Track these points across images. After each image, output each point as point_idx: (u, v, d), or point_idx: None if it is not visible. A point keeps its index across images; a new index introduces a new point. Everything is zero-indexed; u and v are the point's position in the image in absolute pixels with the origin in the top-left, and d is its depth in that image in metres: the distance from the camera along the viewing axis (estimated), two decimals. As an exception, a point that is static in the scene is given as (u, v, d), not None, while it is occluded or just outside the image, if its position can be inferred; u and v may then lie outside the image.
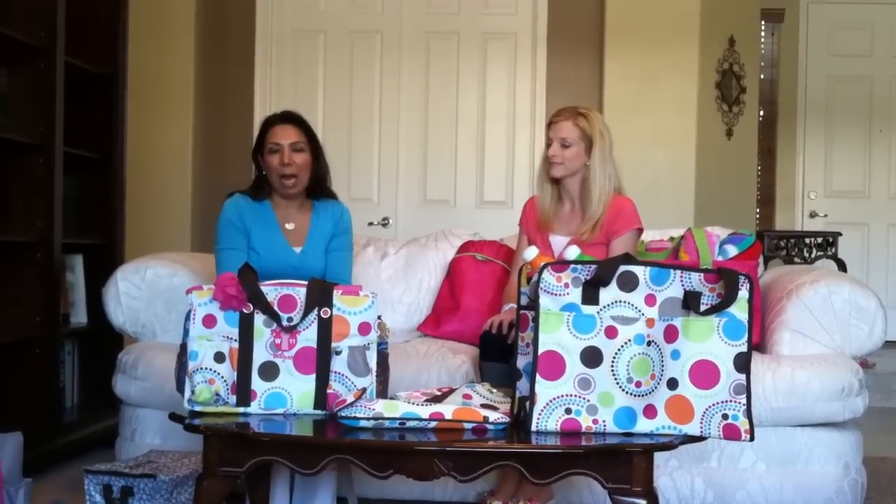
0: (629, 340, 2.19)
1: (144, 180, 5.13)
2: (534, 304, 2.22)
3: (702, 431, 2.16)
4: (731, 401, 2.15)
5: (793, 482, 3.01)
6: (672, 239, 3.52)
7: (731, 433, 2.16)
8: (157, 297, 3.38)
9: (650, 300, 2.20)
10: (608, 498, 2.15)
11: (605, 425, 2.17)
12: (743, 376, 2.16)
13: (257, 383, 2.33)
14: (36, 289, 3.66)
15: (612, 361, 2.18)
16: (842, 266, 6.04)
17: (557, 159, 3.15)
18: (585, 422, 2.16)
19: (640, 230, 3.22)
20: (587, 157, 3.15)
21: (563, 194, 3.24)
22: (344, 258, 3.13)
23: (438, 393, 2.45)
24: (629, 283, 2.20)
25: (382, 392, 2.47)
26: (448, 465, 2.12)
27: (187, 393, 2.33)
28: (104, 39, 4.21)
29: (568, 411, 2.16)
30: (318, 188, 3.10)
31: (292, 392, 2.34)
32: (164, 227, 5.24)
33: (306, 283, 2.39)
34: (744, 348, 2.17)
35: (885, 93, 7.22)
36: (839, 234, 6.30)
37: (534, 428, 2.16)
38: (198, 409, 2.32)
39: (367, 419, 2.18)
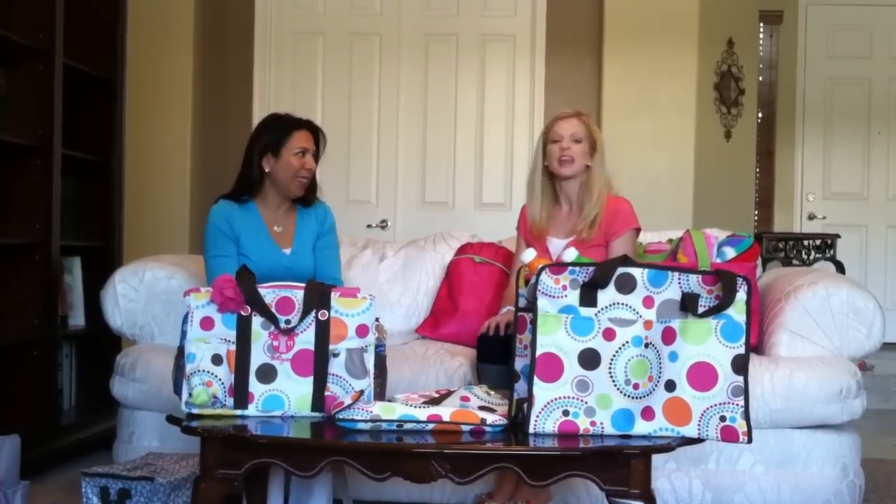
0: (627, 342, 2.19)
1: (143, 183, 5.14)
2: (532, 307, 2.22)
3: (699, 433, 2.16)
4: (728, 403, 2.15)
5: (791, 484, 3.01)
6: (670, 241, 3.53)
7: (728, 435, 2.16)
8: (155, 299, 3.38)
9: (648, 302, 2.20)
10: (606, 500, 2.15)
11: (602, 427, 2.17)
12: (741, 378, 2.16)
13: (255, 385, 2.33)
14: (34, 291, 3.66)
15: (610, 363, 2.18)
16: (840, 268, 6.05)
17: (569, 154, 3.13)
18: (583, 424, 2.16)
19: (638, 230, 3.23)
20: (590, 158, 3.17)
21: (561, 196, 3.23)
22: (332, 256, 3.15)
23: (436, 395, 2.45)
24: (627, 285, 2.21)
25: (380, 394, 2.47)
26: (446, 468, 2.12)
27: (185, 395, 2.34)
28: (103, 42, 4.20)
29: (566, 413, 2.16)
30: (310, 197, 3.13)
31: (290, 394, 2.34)
32: (163, 230, 5.24)
33: (304, 285, 2.39)
34: (741, 350, 2.17)
35: (884, 95, 7.22)
36: (837, 236, 6.31)
37: (531, 430, 2.16)
38: (195, 411, 2.32)
39: (365, 421, 2.18)
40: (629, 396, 2.18)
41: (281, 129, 3.04)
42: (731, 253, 3.41)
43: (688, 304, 2.17)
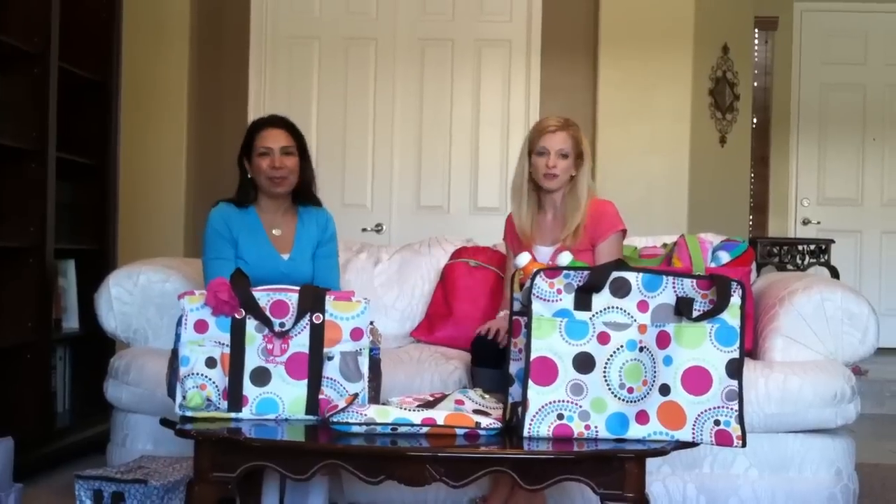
0: (621, 346, 2.19)
1: (138, 186, 5.13)
2: (526, 310, 2.22)
3: (694, 437, 2.16)
4: (723, 407, 2.16)
5: (785, 488, 3.01)
6: (665, 245, 3.53)
7: (723, 439, 2.16)
8: (150, 302, 3.38)
9: (643, 306, 2.20)
10: (600, 504, 2.15)
11: (597, 431, 2.17)
12: (735, 382, 2.16)
13: (249, 389, 2.33)
14: (29, 294, 3.65)
15: (605, 367, 2.18)
16: (834, 273, 6.06)
17: (555, 170, 3.10)
18: (577, 427, 2.17)
19: (624, 231, 3.19)
20: (575, 168, 3.15)
21: (546, 204, 3.21)
22: (331, 265, 3.16)
23: (431, 398, 2.45)
24: (622, 290, 2.21)
25: (374, 398, 2.46)
26: (440, 471, 2.11)
27: (178, 398, 2.33)
28: (99, 45, 4.20)
29: (560, 417, 2.16)
30: (305, 193, 3.12)
31: (284, 397, 2.34)
32: (157, 233, 5.23)
33: (298, 288, 2.39)
34: (736, 354, 2.17)
35: (878, 101, 7.25)
36: (832, 241, 6.32)
37: (526, 433, 2.16)
38: (189, 414, 2.32)
39: (359, 425, 2.18)
40: (624, 400, 2.18)
41: (249, 132, 3.07)
42: (725, 257, 3.41)
43: (682, 308, 2.17)
